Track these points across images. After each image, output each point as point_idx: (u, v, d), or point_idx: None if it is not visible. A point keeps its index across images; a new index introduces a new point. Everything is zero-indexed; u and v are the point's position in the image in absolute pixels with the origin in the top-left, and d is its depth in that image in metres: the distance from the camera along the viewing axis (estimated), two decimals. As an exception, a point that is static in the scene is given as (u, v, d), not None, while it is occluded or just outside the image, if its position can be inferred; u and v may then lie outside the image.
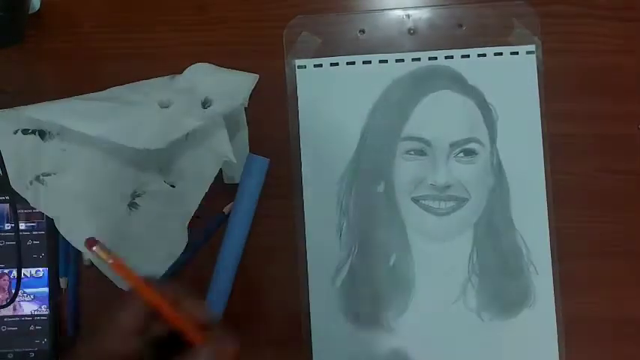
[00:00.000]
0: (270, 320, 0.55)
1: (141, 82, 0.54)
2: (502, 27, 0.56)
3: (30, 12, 0.55)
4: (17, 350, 0.55)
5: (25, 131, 0.52)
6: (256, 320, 0.55)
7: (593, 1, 0.57)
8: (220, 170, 0.54)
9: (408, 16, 0.57)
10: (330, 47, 0.56)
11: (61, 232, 0.53)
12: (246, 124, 0.55)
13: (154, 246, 0.54)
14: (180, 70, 0.55)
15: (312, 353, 0.54)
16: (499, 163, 0.56)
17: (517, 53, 0.56)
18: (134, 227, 0.54)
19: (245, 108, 0.54)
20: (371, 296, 0.55)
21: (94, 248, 0.39)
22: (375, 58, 0.56)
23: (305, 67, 0.56)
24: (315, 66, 0.56)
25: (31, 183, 0.53)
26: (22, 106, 0.51)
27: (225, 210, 0.55)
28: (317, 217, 0.55)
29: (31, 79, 0.57)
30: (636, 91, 0.56)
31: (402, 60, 0.56)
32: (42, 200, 0.53)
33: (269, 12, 0.57)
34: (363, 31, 0.56)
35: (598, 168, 0.56)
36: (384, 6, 0.57)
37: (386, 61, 0.56)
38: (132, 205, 0.55)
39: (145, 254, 0.54)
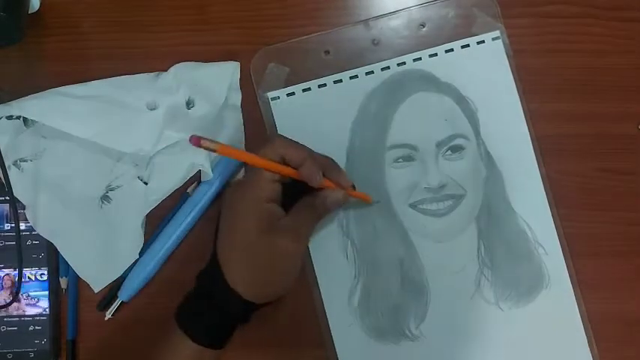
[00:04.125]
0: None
1: (125, 77, 0.55)
2: (464, 19, 0.56)
3: (30, 12, 0.54)
4: (17, 350, 0.55)
5: (9, 117, 0.54)
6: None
7: (593, 1, 0.57)
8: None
9: (370, 27, 0.56)
10: (299, 73, 0.56)
11: (29, 221, 0.54)
12: (241, 118, 0.56)
13: (117, 244, 0.55)
14: None
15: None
16: (487, 153, 0.56)
17: (483, 42, 0.56)
18: (103, 222, 0.55)
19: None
20: (389, 309, 0.55)
21: (201, 143, 0.41)
22: (345, 75, 0.56)
23: (278, 97, 0.56)
24: (287, 95, 0.56)
25: (9, 167, 0.53)
26: (10, 102, 0.52)
27: (190, 190, 0.56)
28: (321, 244, 0.55)
29: (30, 79, 0.57)
30: (636, 91, 0.56)
31: (372, 72, 0.56)
32: (17, 185, 0.54)
33: (268, 12, 0.57)
34: (328, 52, 0.56)
35: (597, 168, 0.56)
36: (344, 22, 0.57)
37: (356, 76, 0.56)
38: (104, 198, 0.55)
39: (106, 252, 0.55)
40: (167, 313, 0.55)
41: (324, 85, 0.56)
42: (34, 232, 0.55)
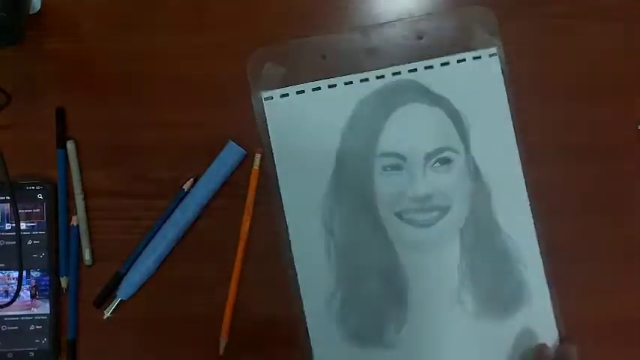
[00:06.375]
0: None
1: None
2: (462, 33, 0.57)
3: (31, 12, 0.55)
4: (17, 350, 0.55)
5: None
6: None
7: (593, 1, 0.57)
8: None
9: (368, 35, 0.57)
10: (294, 75, 0.56)
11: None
12: None
13: None
14: (178, 71, 0.57)
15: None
16: (476, 168, 0.56)
17: (480, 57, 0.56)
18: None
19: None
20: (369, 316, 0.55)
21: None
22: (339, 80, 0.56)
23: (272, 98, 0.56)
24: (281, 96, 0.56)
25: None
26: None
27: (185, 187, 0.56)
28: (304, 245, 0.55)
29: (30, 79, 0.57)
30: (636, 91, 0.57)
31: (367, 79, 0.56)
32: None
33: (268, 12, 0.57)
34: (324, 56, 0.57)
35: (597, 168, 0.56)
36: (343, 24, 0.57)
37: (351, 82, 0.56)
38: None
39: None
40: (167, 312, 0.56)
41: (319, 88, 0.56)
42: (34, 232, 0.55)
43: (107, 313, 0.55)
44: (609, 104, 0.57)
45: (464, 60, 0.56)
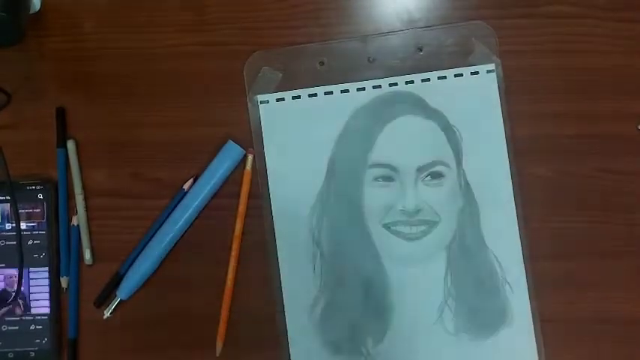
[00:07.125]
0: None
1: None
2: (461, 48, 0.56)
3: (31, 12, 0.55)
4: (18, 350, 0.55)
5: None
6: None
7: (593, 1, 0.57)
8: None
9: (367, 44, 0.57)
10: (290, 80, 0.57)
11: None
12: None
13: None
14: (178, 71, 0.57)
15: (292, 386, 0.55)
16: (467, 184, 0.56)
17: (477, 73, 0.56)
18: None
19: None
20: (349, 325, 0.55)
21: None
22: (336, 88, 0.56)
23: (267, 101, 0.56)
24: (277, 100, 0.56)
25: None
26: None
27: (185, 186, 0.56)
28: (290, 250, 0.56)
29: (30, 79, 0.58)
30: (636, 91, 0.56)
31: (363, 88, 0.56)
32: None
33: (268, 13, 0.58)
34: (322, 63, 0.57)
35: (597, 168, 0.56)
36: (342, 35, 0.57)
37: (347, 91, 0.56)
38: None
39: None
40: (167, 312, 0.56)
41: (315, 94, 0.56)
42: (34, 232, 0.56)
43: (107, 313, 0.55)
44: (609, 105, 0.56)
45: (461, 74, 0.56)
